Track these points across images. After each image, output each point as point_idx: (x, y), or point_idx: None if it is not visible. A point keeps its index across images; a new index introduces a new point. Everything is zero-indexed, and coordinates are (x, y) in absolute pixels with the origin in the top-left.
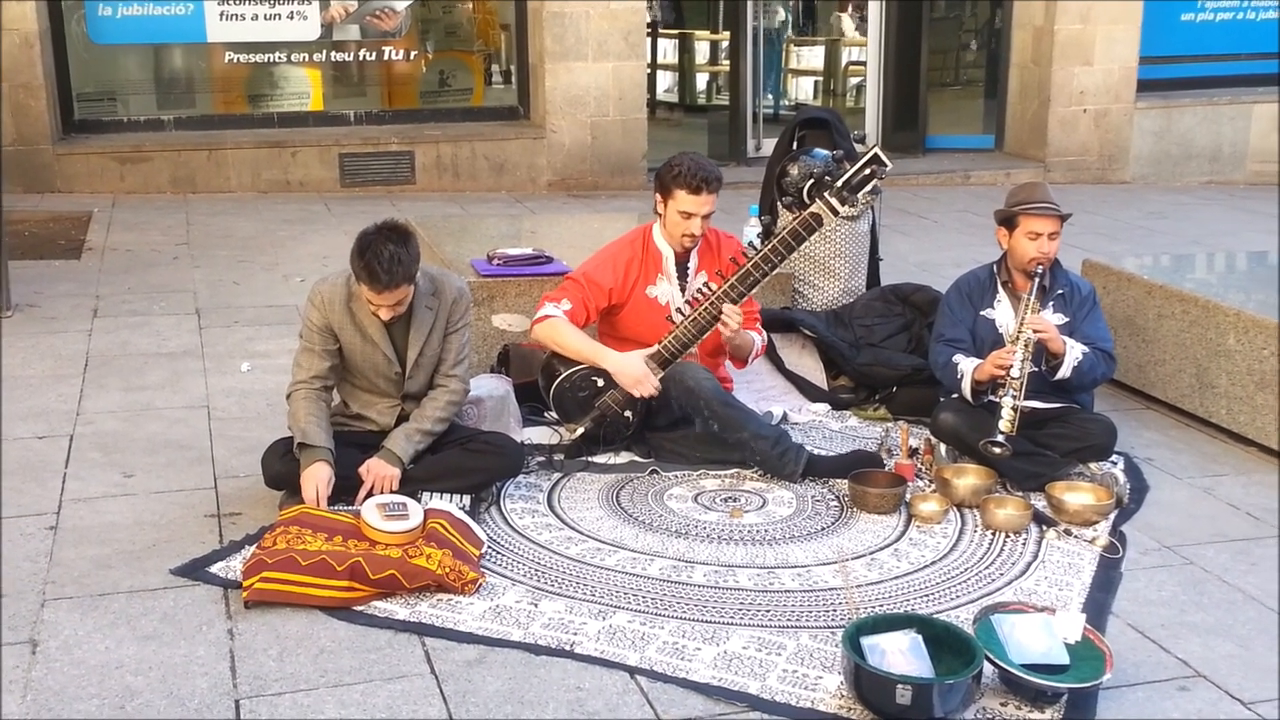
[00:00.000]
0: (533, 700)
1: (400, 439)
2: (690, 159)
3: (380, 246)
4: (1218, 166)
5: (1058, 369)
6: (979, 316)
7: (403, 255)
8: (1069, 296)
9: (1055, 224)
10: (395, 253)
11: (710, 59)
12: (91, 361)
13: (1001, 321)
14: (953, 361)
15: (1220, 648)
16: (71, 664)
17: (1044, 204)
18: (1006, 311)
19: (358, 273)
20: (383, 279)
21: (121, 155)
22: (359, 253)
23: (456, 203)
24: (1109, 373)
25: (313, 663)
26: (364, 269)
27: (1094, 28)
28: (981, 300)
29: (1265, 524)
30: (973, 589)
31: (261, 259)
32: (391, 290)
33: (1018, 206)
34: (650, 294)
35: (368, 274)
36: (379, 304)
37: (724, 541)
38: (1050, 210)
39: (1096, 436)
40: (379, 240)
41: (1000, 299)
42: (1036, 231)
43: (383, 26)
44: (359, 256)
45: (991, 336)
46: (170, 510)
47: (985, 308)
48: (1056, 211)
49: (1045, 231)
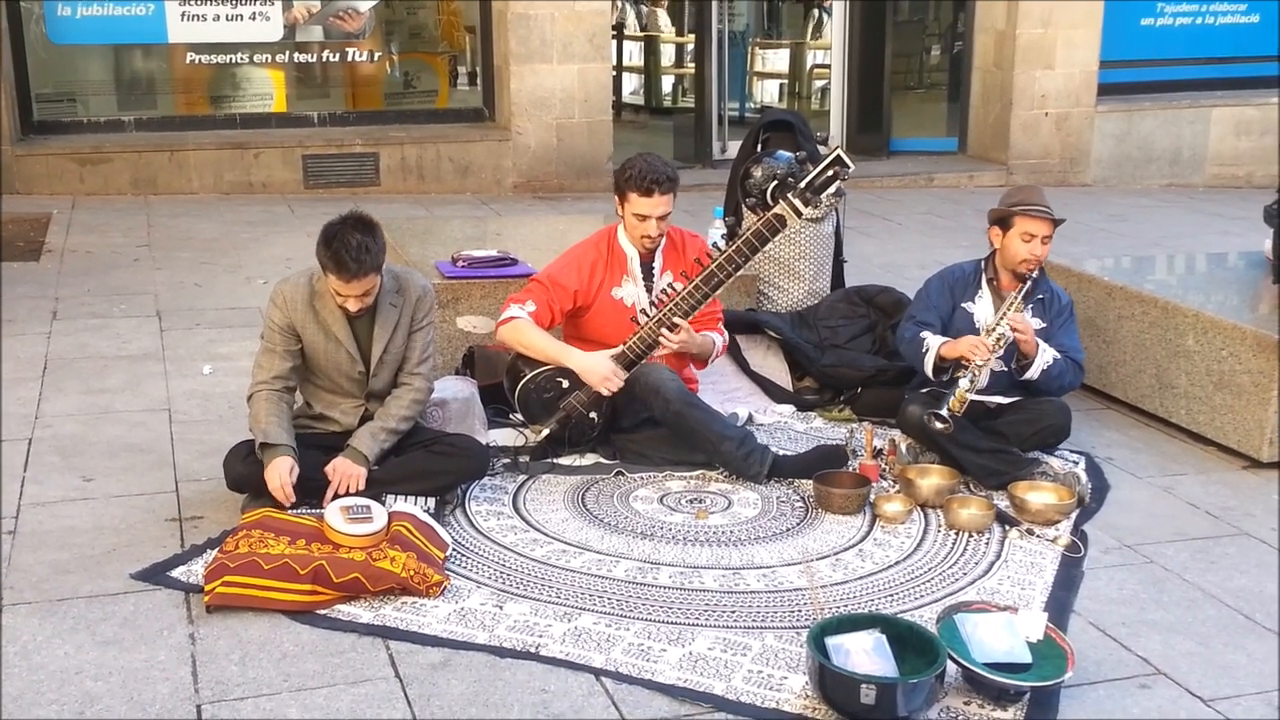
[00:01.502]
0: (498, 703)
1: (365, 438)
2: (644, 160)
3: (347, 235)
4: (1177, 169)
5: (1027, 369)
6: (958, 308)
7: (370, 244)
8: (1048, 303)
9: (1050, 227)
10: (363, 241)
11: (676, 61)
12: (50, 364)
13: (980, 317)
14: (920, 336)
15: (1180, 645)
16: (30, 670)
17: (1041, 207)
18: (987, 308)
19: (325, 262)
20: (351, 267)
21: (81, 156)
22: (325, 242)
23: (421, 205)
24: (1076, 382)
25: (275, 667)
26: (331, 258)
27: (1055, 32)
28: (964, 293)
29: (1224, 522)
30: (936, 588)
31: (224, 261)
32: (359, 279)
33: (1015, 207)
34: (616, 295)
35: (335, 263)
36: (347, 294)
37: (689, 543)
38: (1046, 214)
39: (1052, 417)
40: (345, 230)
41: (983, 294)
42: (1031, 233)
43: (346, 28)
44: (325, 246)
45: (968, 329)
46: (130, 514)
47: (966, 300)
48: (1052, 215)
49: (1040, 234)
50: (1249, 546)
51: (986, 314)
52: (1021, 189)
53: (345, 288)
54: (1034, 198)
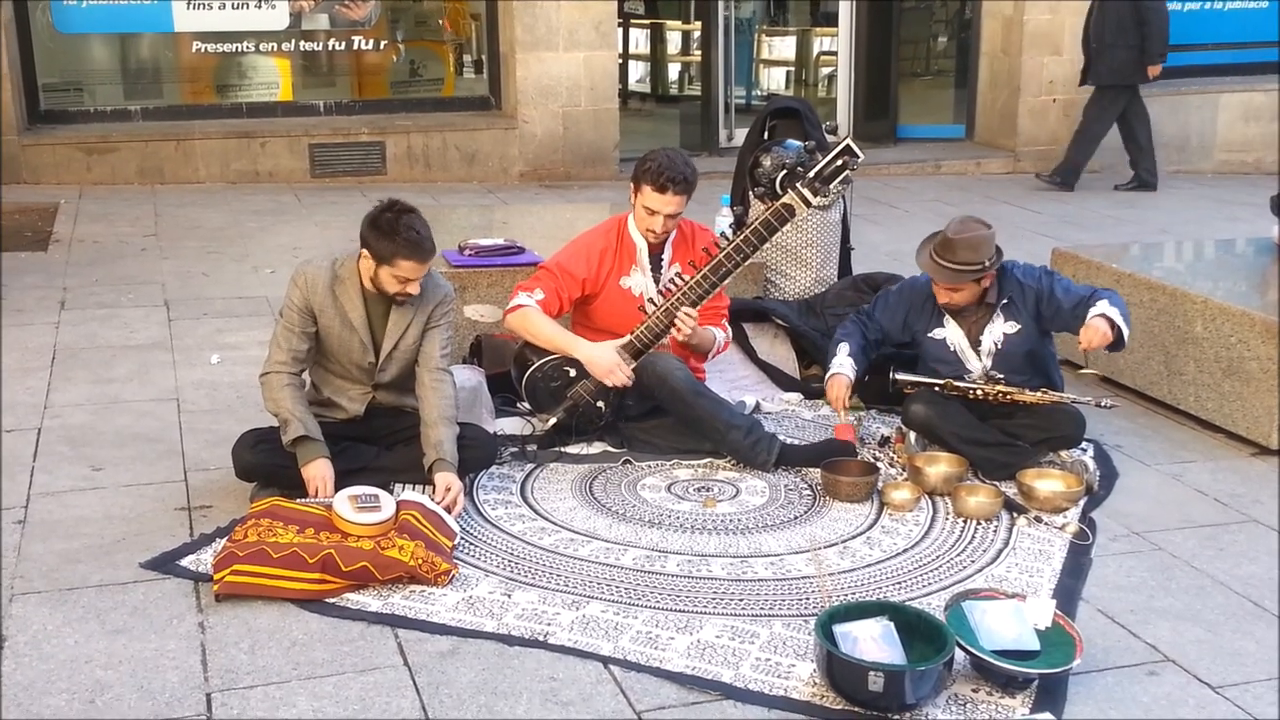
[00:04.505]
0: (506, 691)
1: (447, 447)
2: (666, 156)
3: (409, 220)
4: (1185, 156)
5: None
6: (926, 338)
7: (426, 224)
8: (1018, 300)
9: (950, 283)
10: (423, 222)
11: (682, 49)
12: (59, 354)
13: (951, 339)
14: (839, 345)
15: (1189, 632)
16: (40, 659)
17: (937, 263)
18: (955, 330)
19: (396, 251)
20: (428, 245)
21: (88, 146)
22: (389, 234)
23: (428, 193)
24: (1122, 302)
25: (285, 655)
26: (407, 244)
27: (1063, 17)
28: (919, 318)
29: (1233, 509)
30: (944, 576)
31: (231, 250)
32: (431, 257)
33: (923, 252)
34: (624, 285)
35: (412, 248)
36: (415, 277)
37: (697, 531)
38: (940, 274)
39: (1064, 426)
40: (401, 216)
41: (946, 321)
42: (937, 282)
43: (352, 16)
44: (391, 237)
45: (942, 355)
46: (140, 503)
47: (931, 330)
48: (952, 279)
49: (945, 284)
50: (1257, 533)
51: (956, 336)
52: (944, 235)
53: (419, 270)
54: (944, 252)
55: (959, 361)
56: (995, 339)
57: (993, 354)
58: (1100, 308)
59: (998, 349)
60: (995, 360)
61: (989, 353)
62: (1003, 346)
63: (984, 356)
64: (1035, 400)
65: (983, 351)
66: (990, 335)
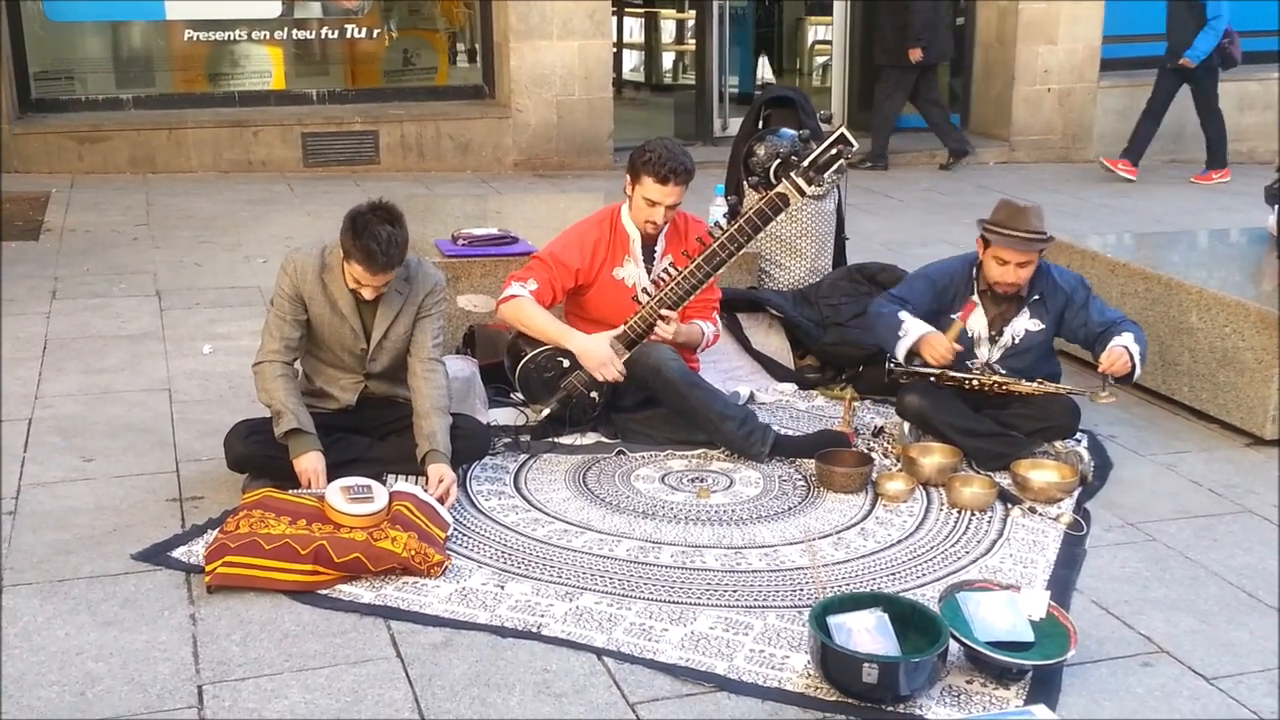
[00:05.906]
0: (499, 682)
1: (440, 437)
2: (665, 146)
3: (377, 228)
4: (1180, 145)
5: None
6: (948, 319)
7: (398, 238)
8: (1047, 299)
9: (1025, 255)
10: (392, 234)
11: (676, 38)
12: (50, 344)
13: (973, 328)
14: (899, 317)
15: (1183, 623)
16: (31, 651)
17: (1018, 234)
18: (980, 319)
19: (351, 252)
20: (380, 260)
21: (80, 135)
22: (354, 234)
23: (421, 183)
24: (1143, 337)
25: (277, 647)
26: (361, 250)
27: (1058, 6)
28: (953, 301)
29: (1227, 500)
30: (938, 567)
31: (223, 240)
32: (386, 272)
33: (992, 229)
34: (617, 275)
35: (365, 255)
36: (367, 284)
37: (691, 522)
38: (1020, 244)
39: (1059, 417)
40: (375, 221)
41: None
42: (1004, 259)
43: (345, 4)
44: (354, 237)
45: (961, 339)
46: (131, 494)
47: (956, 311)
48: (1030, 245)
49: (1014, 260)
50: (1252, 524)
51: (980, 325)
52: (1009, 206)
53: (369, 279)
54: (1015, 221)
55: (969, 350)
56: (1016, 333)
57: (1007, 348)
58: (1125, 340)
59: (1015, 343)
60: (1007, 355)
61: (1004, 346)
62: (1020, 342)
63: (997, 349)
64: (1031, 391)
65: (999, 345)
66: (1012, 329)
